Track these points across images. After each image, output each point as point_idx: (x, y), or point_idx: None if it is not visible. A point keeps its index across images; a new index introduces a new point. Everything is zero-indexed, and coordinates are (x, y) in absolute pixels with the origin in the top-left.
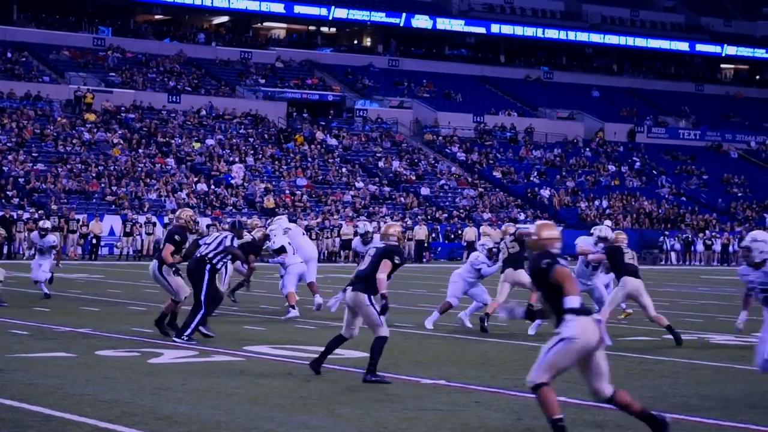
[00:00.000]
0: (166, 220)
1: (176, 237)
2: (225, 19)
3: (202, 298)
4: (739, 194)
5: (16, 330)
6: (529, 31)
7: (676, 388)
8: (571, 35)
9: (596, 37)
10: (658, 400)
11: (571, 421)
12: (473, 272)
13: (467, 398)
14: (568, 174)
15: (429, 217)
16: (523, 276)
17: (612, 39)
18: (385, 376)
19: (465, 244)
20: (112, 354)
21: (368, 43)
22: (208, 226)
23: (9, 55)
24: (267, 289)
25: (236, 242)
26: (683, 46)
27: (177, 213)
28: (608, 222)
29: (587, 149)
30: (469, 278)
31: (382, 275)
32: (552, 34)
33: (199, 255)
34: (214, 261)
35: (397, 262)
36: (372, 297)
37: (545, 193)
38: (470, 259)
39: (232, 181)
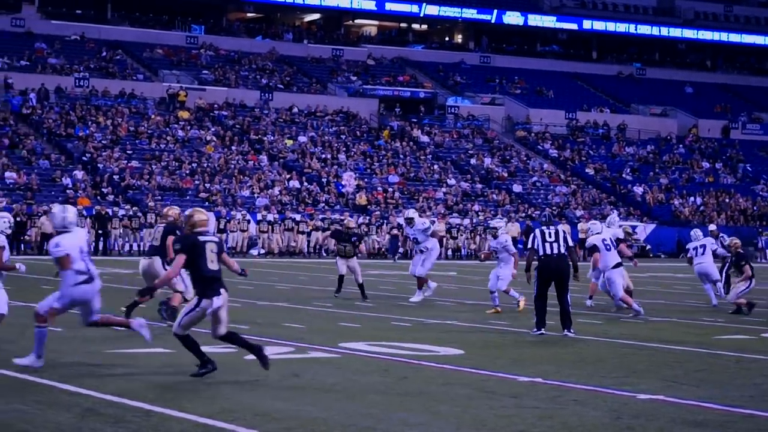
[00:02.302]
0: (259, 216)
1: (177, 233)
2: (316, 16)
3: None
4: None
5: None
6: (622, 27)
7: None
8: (664, 31)
9: (689, 33)
10: (758, 400)
11: (671, 419)
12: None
13: (565, 396)
14: (661, 171)
15: (524, 214)
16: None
17: (705, 35)
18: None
19: None
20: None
21: (459, 40)
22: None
23: (104, 53)
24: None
25: None
26: None
27: (165, 210)
28: (713, 226)
29: (681, 146)
30: None
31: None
32: (645, 29)
33: (562, 250)
34: None
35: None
36: None
37: (638, 189)
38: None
39: (343, 190)
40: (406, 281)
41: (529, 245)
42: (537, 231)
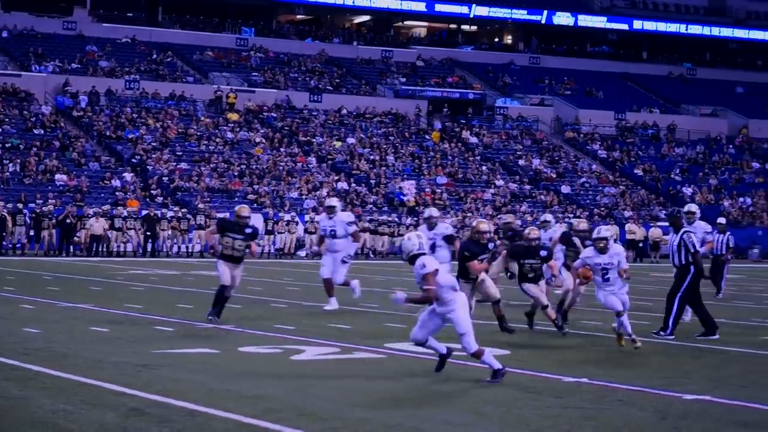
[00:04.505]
0: (307, 218)
1: (465, 253)
2: (366, 18)
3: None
4: None
5: (160, 327)
6: (672, 27)
7: None
8: (715, 31)
9: (741, 33)
10: None
11: (717, 419)
12: None
13: (610, 396)
14: (710, 171)
15: (572, 215)
16: None
17: (757, 34)
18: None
19: None
20: (254, 350)
21: (509, 41)
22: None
23: (154, 56)
24: (409, 287)
25: None
26: None
27: (476, 224)
28: (722, 220)
29: (731, 146)
30: None
31: None
32: (695, 29)
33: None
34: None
35: None
36: None
37: (687, 190)
38: None
39: (404, 198)
40: None
41: (697, 247)
42: (698, 233)
